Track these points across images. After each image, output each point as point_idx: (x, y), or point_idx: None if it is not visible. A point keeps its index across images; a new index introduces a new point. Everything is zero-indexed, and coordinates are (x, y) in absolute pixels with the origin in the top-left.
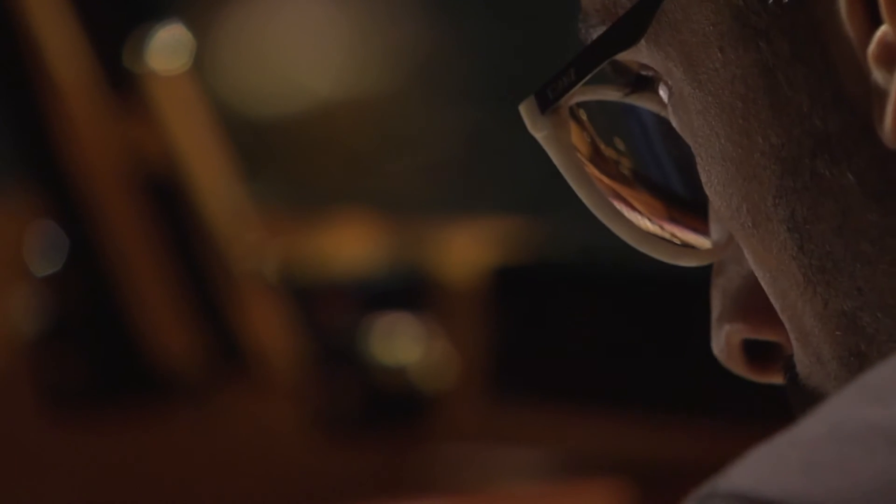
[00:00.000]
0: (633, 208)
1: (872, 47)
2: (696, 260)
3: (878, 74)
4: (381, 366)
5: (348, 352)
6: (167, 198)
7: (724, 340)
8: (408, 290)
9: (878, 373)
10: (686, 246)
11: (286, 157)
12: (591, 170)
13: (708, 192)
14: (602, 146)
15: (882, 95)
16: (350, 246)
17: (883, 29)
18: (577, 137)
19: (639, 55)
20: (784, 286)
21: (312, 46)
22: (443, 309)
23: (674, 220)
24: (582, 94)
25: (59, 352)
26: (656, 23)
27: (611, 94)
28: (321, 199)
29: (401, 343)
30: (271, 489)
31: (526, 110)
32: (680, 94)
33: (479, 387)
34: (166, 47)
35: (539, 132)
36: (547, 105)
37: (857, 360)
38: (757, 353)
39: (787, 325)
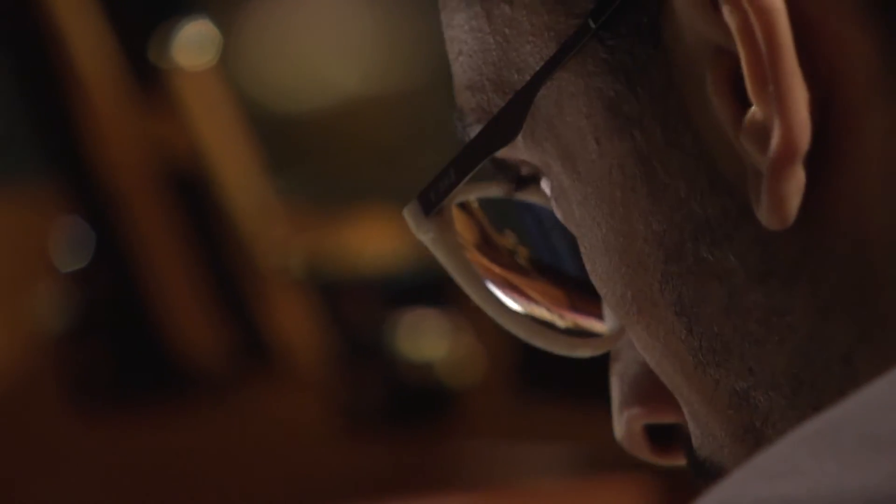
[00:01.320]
0: (530, 299)
1: (744, 129)
2: (591, 350)
3: (752, 156)
4: (407, 361)
5: (373, 347)
6: (193, 193)
7: (625, 427)
8: (433, 286)
9: (769, 452)
10: (582, 336)
11: (312, 152)
12: (484, 262)
13: (594, 282)
14: (495, 237)
15: (757, 177)
16: (376, 241)
17: (752, 110)
18: (466, 231)
19: (516, 152)
20: (672, 370)
21: (339, 41)
22: (469, 305)
23: (574, 307)
24: (466, 193)
25: (84, 347)
26: (531, 119)
27: (495, 191)
28: (347, 194)
29: (426, 339)
30: (295, 484)
31: (410, 214)
32: (560, 186)
33: (504, 383)
34: (192, 43)
35: (424, 235)
36: (430, 208)
37: (752, 436)
38: (661, 435)
39: (682, 406)
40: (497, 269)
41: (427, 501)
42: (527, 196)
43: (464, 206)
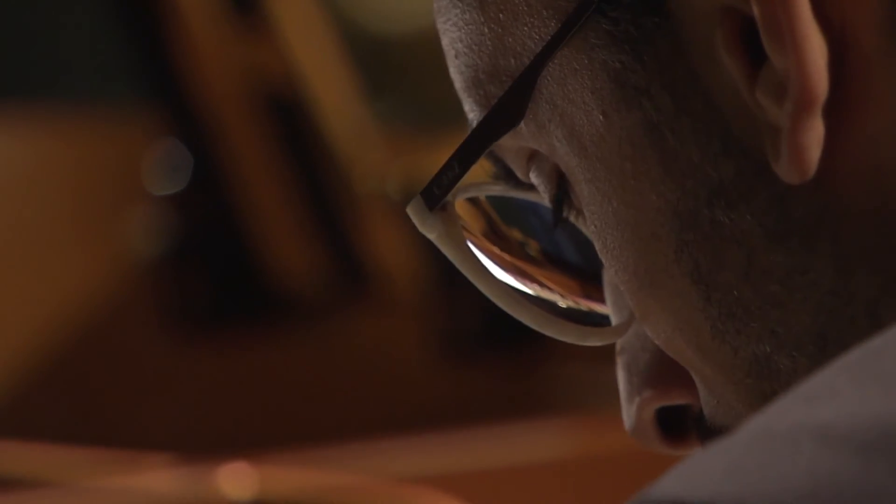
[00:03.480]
0: (540, 288)
1: (760, 84)
2: (602, 339)
3: (768, 111)
4: None
5: None
6: (290, 117)
7: (636, 415)
8: None
9: (812, 380)
10: (593, 325)
11: (410, 75)
12: (493, 252)
13: (604, 260)
14: (504, 229)
15: (775, 132)
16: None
17: (767, 63)
18: (475, 223)
19: (520, 138)
20: (686, 343)
21: None
22: None
23: (585, 296)
24: (473, 191)
25: (180, 272)
26: (534, 102)
27: (500, 190)
28: (445, 117)
29: None
30: (391, 409)
31: (413, 211)
32: (567, 167)
33: None
34: None
35: (430, 233)
36: (434, 202)
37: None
38: (671, 425)
39: (696, 379)
40: (507, 259)
41: (524, 426)
42: (524, 194)
43: (472, 201)
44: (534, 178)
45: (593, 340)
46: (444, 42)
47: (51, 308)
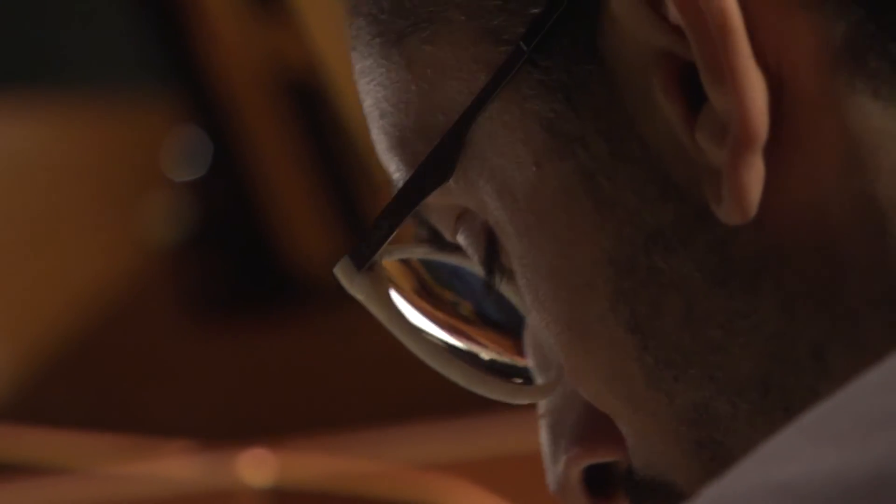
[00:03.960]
0: (475, 345)
1: (699, 126)
2: (531, 398)
3: (708, 153)
4: None
5: None
6: (309, 104)
7: (562, 475)
8: None
9: (770, 443)
10: (523, 384)
11: None
12: (425, 310)
13: (535, 314)
14: (436, 289)
15: (715, 174)
16: None
17: (707, 105)
18: (405, 282)
19: (449, 196)
20: (617, 395)
21: None
22: None
23: (519, 353)
24: (398, 253)
25: (199, 257)
26: (463, 157)
27: (425, 252)
28: None
29: None
30: (412, 394)
31: (342, 272)
32: (497, 223)
33: None
34: None
35: (358, 293)
36: (362, 262)
37: (708, 450)
38: (598, 487)
39: (627, 433)
40: (438, 317)
41: None
42: (449, 256)
43: (404, 261)
44: (461, 239)
45: (522, 399)
46: (368, 103)
47: (71, 294)
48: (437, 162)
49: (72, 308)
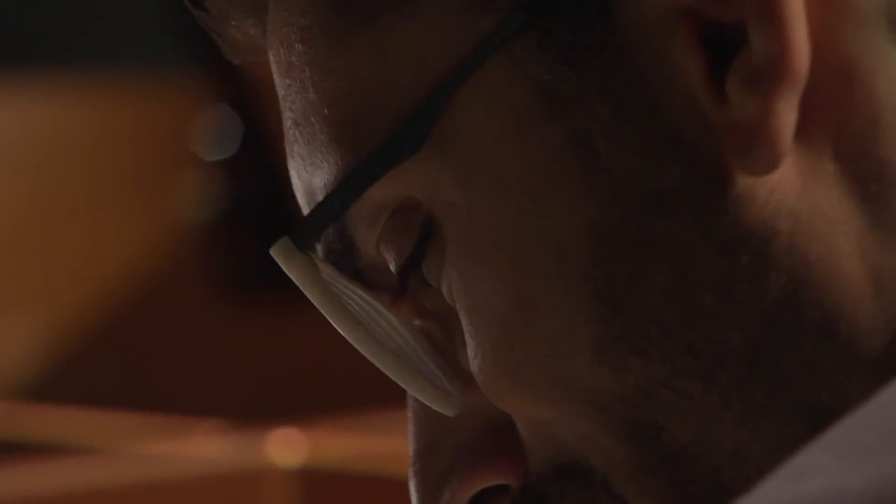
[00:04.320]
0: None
1: (732, 76)
2: (442, 405)
3: (738, 104)
4: None
5: None
6: None
7: None
8: None
9: (795, 459)
10: (444, 392)
11: None
12: (361, 298)
13: (467, 297)
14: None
15: (741, 127)
16: None
17: (743, 53)
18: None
19: (398, 182)
20: (548, 374)
21: None
22: None
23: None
24: (327, 273)
25: (230, 237)
26: (434, 130)
27: (328, 272)
28: None
29: None
30: None
31: (280, 252)
32: (448, 206)
33: None
34: None
35: (295, 274)
36: (305, 242)
37: (645, 432)
38: None
39: (534, 422)
40: (372, 306)
41: None
42: (346, 281)
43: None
44: (386, 246)
45: (440, 404)
46: (308, 98)
47: (100, 273)
48: (405, 136)
49: (102, 287)
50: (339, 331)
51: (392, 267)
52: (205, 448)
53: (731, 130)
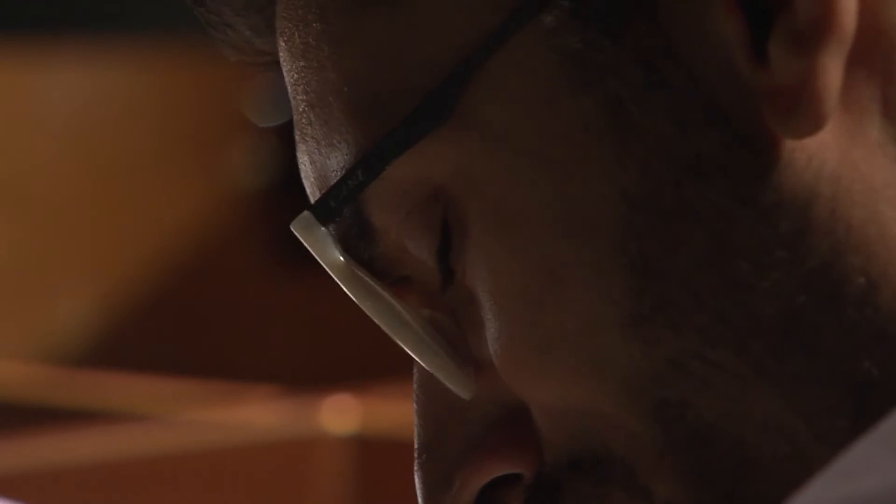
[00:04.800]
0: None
1: (775, 37)
2: (467, 392)
3: (782, 66)
4: None
5: None
6: None
7: (453, 499)
8: None
9: (848, 455)
10: (462, 370)
11: None
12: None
13: (494, 277)
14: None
15: (784, 90)
16: None
17: (787, 12)
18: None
19: (419, 162)
20: (575, 352)
21: None
22: None
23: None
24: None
25: (284, 204)
26: (459, 103)
27: (339, 267)
28: None
29: None
30: None
31: (301, 227)
32: (474, 182)
33: None
34: None
35: (316, 248)
36: (329, 217)
37: (672, 411)
38: None
39: (554, 405)
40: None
41: None
42: (360, 270)
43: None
44: (409, 235)
45: (459, 385)
46: (326, 77)
47: (155, 241)
48: (431, 108)
49: (156, 253)
50: (360, 305)
51: (426, 253)
52: (258, 415)
53: (772, 93)
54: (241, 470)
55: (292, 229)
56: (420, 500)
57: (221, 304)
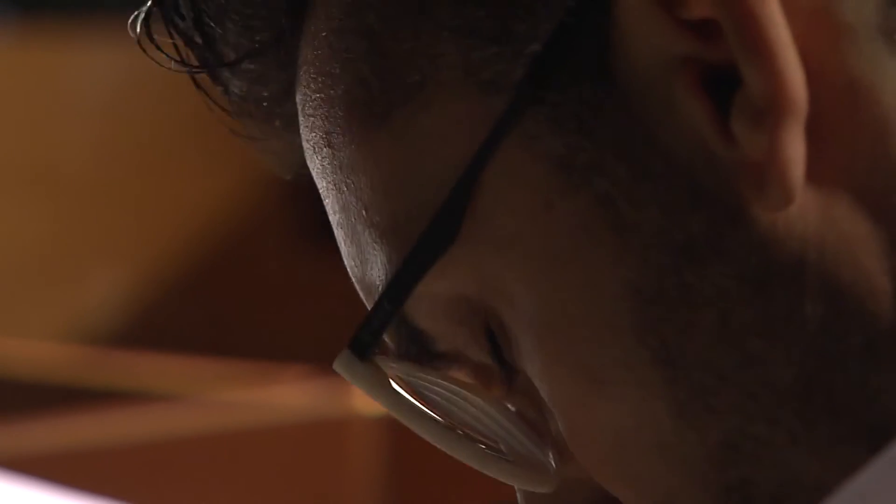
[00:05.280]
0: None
1: (735, 114)
2: (546, 486)
3: (745, 142)
4: None
5: None
6: None
7: None
8: None
9: (858, 480)
10: (531, 469)
11: None
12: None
13: (544, 383)
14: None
15: (754, 166)
16: None
17: (741, 92)
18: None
19: (446, 278)
20: (642, 446)
21: None
22: None
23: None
24: (394, 369)
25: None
26: (466, 219)
27: (404, 369)
28: None
29: None
30: None
31: (343, 365)
32: (501, 293)
33: None
34: None
35: (365, 384)
36: (366, 350)
37: (736, 494)
38: None
39: (638, 500)
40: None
41: None
42: (430, 372)
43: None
44: (460, 342)
45: (537, 485)
46: (346, 200)
47: (189, 219)
48: (440, 228)
49: (189, 233)
50: (417, 432)
51: (482, 358)
52: (291, 395)
53: (744, 170)
54: (274, 450)
55: (335, 369)
56: None
57: (254, 284)
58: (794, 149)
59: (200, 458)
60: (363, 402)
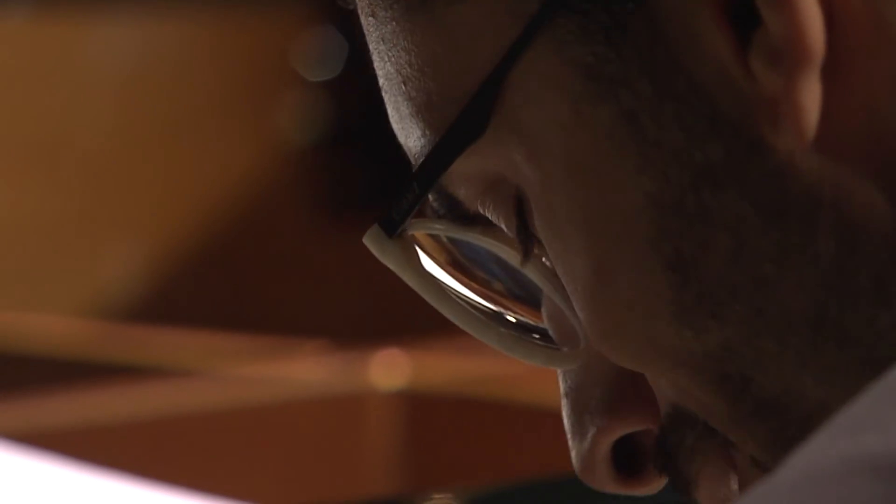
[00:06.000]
0: (509, 312)
1: (754, 51)
2: (567, 363)
3: (763, 79)
4: None
5: None
6: None
7: (588, 451)
8: None
9: (852, 409)
10: (558, 349)
11: None
12: (458, 278)
13: (562, 271)
14: (466, 262)
15: (770, 102)
16: None
17: (761, 29)
18: (434, 250)
19: (478, 158)
20: (641, 337)
21: None
22: None
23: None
24: (424, 227)
25: (334, 158)
26: (495, 113)
27: (442, 228)
28: None
29: None
30: None
31: (372, 240)
32: (527, 181)
33: None
34: None
35: (391, 261)
36: (394, 229)
37: (733, 384)
38: (624, 465)
39: (654, 379)
40: (471, 286)
41: None
42: (467, 233)
43: (432, 235)
44: (489, 211)
45: (558, 363)
46: (388, 70)
47: (205, 194)
48: (469, 118)
49: (206, 208)
50: (439, 310)
51: (507, 231)
52: (307, 370)
53: (762, 104)
54: (290, 425)
55: (364, 243)
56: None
57: (271, 259)
58: (809, 94)
59: (217, 433)
60: (380, 377)
